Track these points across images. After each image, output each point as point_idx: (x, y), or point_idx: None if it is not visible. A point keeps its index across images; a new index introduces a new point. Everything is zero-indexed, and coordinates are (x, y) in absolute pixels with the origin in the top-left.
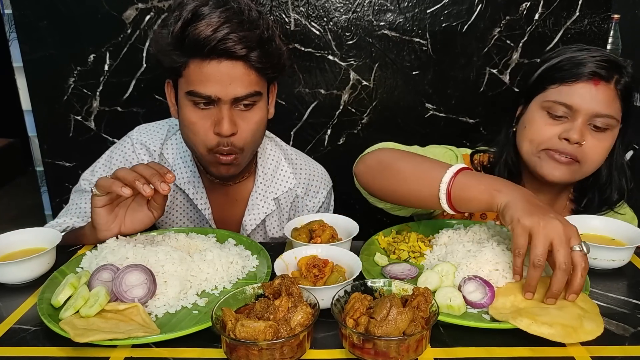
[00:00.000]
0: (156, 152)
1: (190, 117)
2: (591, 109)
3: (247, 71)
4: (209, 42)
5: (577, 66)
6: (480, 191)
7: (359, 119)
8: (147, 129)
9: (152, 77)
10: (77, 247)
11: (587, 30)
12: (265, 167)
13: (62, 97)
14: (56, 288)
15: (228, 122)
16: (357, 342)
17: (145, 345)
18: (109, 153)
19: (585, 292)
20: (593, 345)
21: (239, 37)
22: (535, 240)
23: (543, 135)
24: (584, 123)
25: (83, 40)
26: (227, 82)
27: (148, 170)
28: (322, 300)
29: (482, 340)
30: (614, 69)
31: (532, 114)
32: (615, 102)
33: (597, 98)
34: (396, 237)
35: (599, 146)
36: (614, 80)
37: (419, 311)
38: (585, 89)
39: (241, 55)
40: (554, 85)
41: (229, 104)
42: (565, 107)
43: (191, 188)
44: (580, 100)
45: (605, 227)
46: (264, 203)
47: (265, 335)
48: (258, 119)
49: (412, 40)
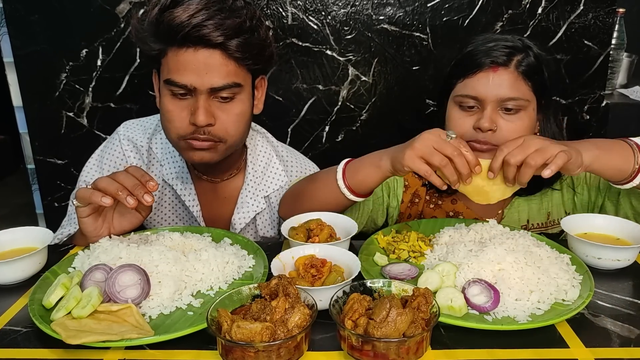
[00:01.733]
0: (144, 147)
1: (167, 105)
2: (495, 95)
3: (225, 61)
4: (182, 28)
5: (475, 57)
6: (367, 167)
7: (357, 115)
8: (134, 125)
9: (145, 73)
10: (69, 246)
11: (591, 24)
12: (255, 164)
13: (53, 93)
14: (48, 288)
15: (203, 112)
16: (355, 344)
17: (139, 347)
18: (99, 153)
19: (590, 292)
20: (598, 347)
21: (216, 23)
22: (427, 153)
23: (460, 128)
24: (494, 110)
25: (75, 34)
26: (203, 72)
27: (129, 180)
28: (320, 301)
29: (484, 342)
30: (512, 53)
31: (449, 111)
32: (519, 83)
33: (499, 83)
34: (396, 237)
35: (515, 127)
36: (513, 63)
37: (420, 312)
38: (485, 77)
39: (218, 43)
40: (460, 80)
41: (205, 94)
42: (472, 99)
43: (179, 184)
44: (483, 89)
45: (610, 226)
46: (254, 201)
47: (262, 337)
48: (239, 112)
49: (412, 34)
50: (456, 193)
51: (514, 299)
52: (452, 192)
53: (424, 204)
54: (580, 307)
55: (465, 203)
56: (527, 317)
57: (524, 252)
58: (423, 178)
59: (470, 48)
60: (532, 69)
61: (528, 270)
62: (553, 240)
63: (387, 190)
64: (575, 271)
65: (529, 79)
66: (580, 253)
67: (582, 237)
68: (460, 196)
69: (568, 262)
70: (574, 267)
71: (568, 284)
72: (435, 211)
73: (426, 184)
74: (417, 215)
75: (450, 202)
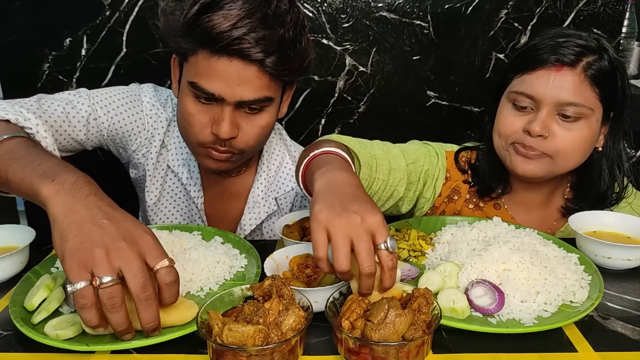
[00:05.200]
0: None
1: (189, 108)
2: (554, 98)
3: (259, 74)
4: (221, 40)
5: (539, 52)
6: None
7: (355, 107)
8: (159, 92)
9: (132, 63)
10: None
11: (600, 12)
12: (270, 163)
13: (36, 84)
14: (29, 290)
15: (228, 124)
16: (353, 348)
17: (125, 351)
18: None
19: (599, 293)
20: (607, 351)
21: (258, 38)
22: (333, 240)
23: (509, 129)
24: (550, 114)
25: (58, 23)
26: (234, 83)
27: (137, 276)
28: (316, 302)
29: (488, 346)
30: (582, 53)
31: (501, 107)
32: (584, 88)
33: (561, 85)
34: (395, 235)
35: (571, 137)
36: (581, 65)
37: (420, 314)
38: (546, 76)
39: (256, 60)
40: (518, 75)
41: (232, 106)
42: (528, 98)
43: (185, 172)
44: (542, 89)
45: (621, 223)
46: (265, 202)
47: (255, 341)
48: (264, 124)
49: (412, 22)
50: (502, 197)
51: (520, 300)
52: (496, 196)
53: (464, 202)
54: (589, 309)
55: (511, 212)
56: (533, 319)
57: (530, 252)
58: (466, 173)
59: (536, 41)
60: (602, 74)
61: (534, 271)
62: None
63: (424, 179)
64: (584, 271)
65: (597, 85)
66: (589, 252)
67: (591, 236)
68: (506, 201)
69: (576, 261)
70: (582, 267)
71: (576, 284)
72: (474, 212)
73: (469, 180)
74: (453, 214)
75: (493, 207)
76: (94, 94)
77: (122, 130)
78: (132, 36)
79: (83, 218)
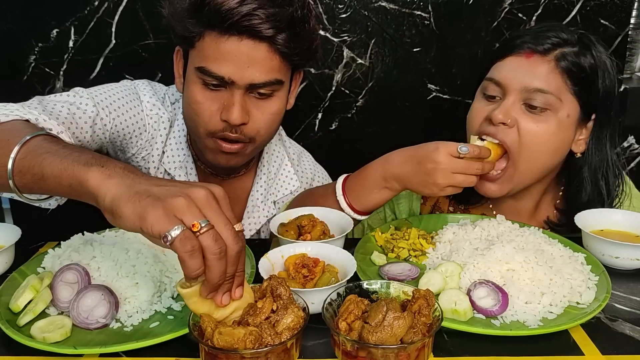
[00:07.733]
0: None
1: (196, 96)
2: (519, 83)
3: (270, 55)
4: (231, 16)
5: (515, 40)
6: (372, 189)
7: (353, 101)
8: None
9: (122, 55)
10: (38, 244)
11: (608, 2)
12: (270, 165)
13: (21, 77)
14: (15, 290)
15: (239, 109)
16: (350, 350)
17: (115, 354)
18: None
19: (606, 294)
20: (615, 354)
21: (268, 14)
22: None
23: (474, 119)
24: (516, 102)
25: (45, 13)
26: (245, 64)
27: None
28: (312, 304)
29: (491, 349)
30: (558, 44)
31: (474, 100)
32: (553, 76)
33: (528, 70)
34: (395, 234)
35: (536, 130)
36: (553, 54)
37: (421, 316)
38: (514, 62)
39: (266, 36)
40: (492, 65)
41: (243, 89)
42: (496, 85)
43: (182, 175)
44: (509, 74)
45: (629, 222)
46: (265, 205)
47: (245, 343)
48: (275, 110)
49: (412, 13)
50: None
51: (524, 301)
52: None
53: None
54: (596, 310)
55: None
56: (538, 321)
57: (534, 251)
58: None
59: (521, 32)
60: (579, 68)
61: (539, 271)
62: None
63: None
64: (591, 271)
65: (571, 77)
66: (596, 251)
67: (599, 235)
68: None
69: (583, 261)
70: (589, 267)
71: (583, 285)
72: None
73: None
74: None
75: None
76: (94, 94)
77: (124, 132)
78: (122, 27)
79: (151, 183)
